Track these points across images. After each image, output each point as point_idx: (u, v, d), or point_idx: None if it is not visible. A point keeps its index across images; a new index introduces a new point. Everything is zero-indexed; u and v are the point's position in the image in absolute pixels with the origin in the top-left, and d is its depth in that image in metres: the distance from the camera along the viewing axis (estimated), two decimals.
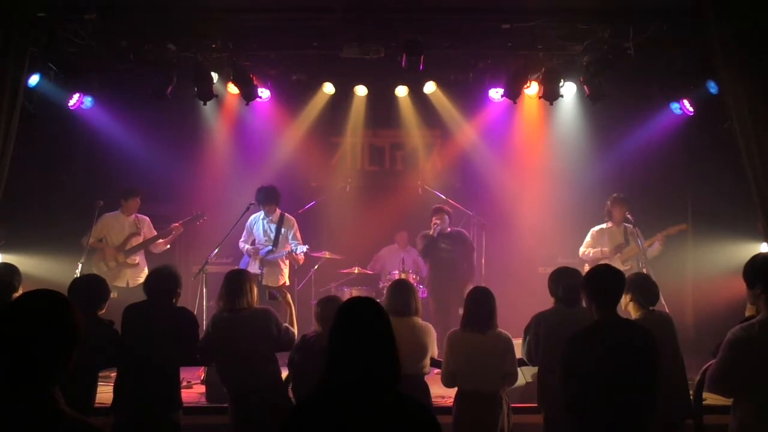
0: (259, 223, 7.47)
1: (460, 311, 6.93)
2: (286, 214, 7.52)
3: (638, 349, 3.35)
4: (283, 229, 7.42)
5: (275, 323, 4.46)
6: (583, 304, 3.80)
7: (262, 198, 7.27)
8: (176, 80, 7.34)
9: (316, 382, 2.17)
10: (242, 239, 7.52)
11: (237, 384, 4.41)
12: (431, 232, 7.46)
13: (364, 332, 2.14)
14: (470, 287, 7.07)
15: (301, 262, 7.61)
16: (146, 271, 7.45)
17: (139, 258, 7.48)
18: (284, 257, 7.46)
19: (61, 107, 7.60)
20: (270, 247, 7.35)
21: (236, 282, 4.52)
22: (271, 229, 7.45)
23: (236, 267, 7.13)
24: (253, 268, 7.31)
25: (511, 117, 8.62)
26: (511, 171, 8.86)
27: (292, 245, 7.36)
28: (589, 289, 3.53)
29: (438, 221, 7.45)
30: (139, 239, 7.45)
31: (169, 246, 7.64)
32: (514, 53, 7.34)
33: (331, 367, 2.12)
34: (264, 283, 7.26)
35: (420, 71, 7.20)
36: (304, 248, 7.36)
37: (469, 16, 6.76)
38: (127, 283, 7.24)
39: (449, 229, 7.57)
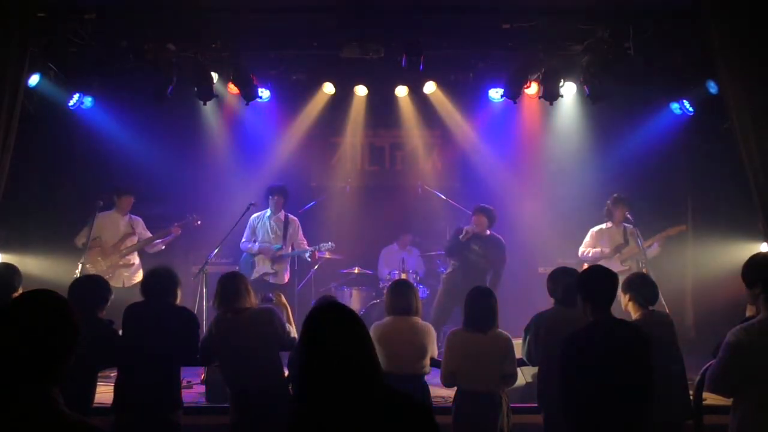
0: (264, 221, 7.49)
1: None
2: (289, 214, 7.55)
3: (633, 350, 3.36)
4: (290, 229, 7.44)
5: (279, 323, 4.46)
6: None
7: (280, 192, 7.34)
8: (176, 80, 7.34)
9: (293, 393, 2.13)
10: (244, 239, 7.49)
11: (239, 383, 4.40)
12: (462, 237, 7.16)
13: (332, 339, 2.08)
14: None
15: (318, 260, 7.67)
16: (141, 271, 7.45)
17: (134, 258, 7.45)
18: (306, 258, 7.52)
19: (61, 107, 7.60)
20: (280, 245, 7.37)
21: (231, 284, 4.51)
22: (279, 228, 7.47)
23: (234, 268, 7.19)
24: (264, 268, 7.33)
25: (511, 117, 8.62)
26: (511, 171, 8.85)
27: (310, 246, 7.48)
28: (582, 291, 3.54)
29: (474, 226, 7.16)
30: (134, 240, 7.43)
31: (164, 246, 7.62)
32: (514, 53, 7.34)
33: (307, 377, 2.08)
34: (272, 282, 7.28)
35: (420, 71, 7.20)
36: (330, 245, 7.45)
37: (469, 16, 6.75)
38: (123, 283, 7.20)
39: (488, 232, 7.29)
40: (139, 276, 7.41)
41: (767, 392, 3.04)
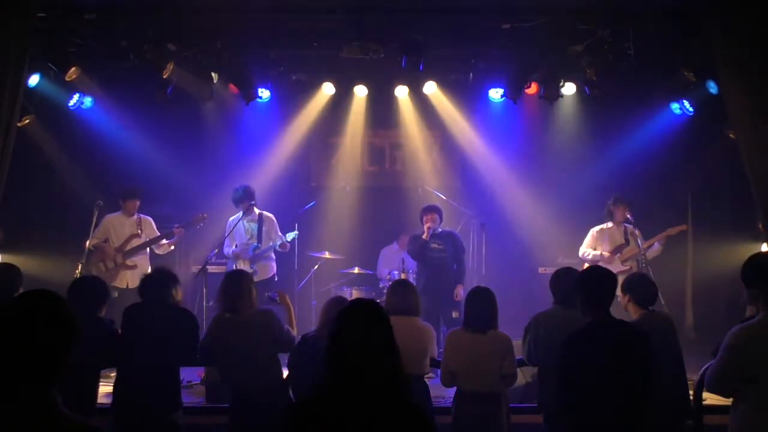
0: (239, 224, 7.36)
1: (454, 314, 6.94)
2: (263, 212, 7.49)
3: (632, 350, 3.36)
4: (264, 226, 7.40)
5: (277, 324, 4.46)
6: None
7: (242, 197, 7.23)
8: (176, 80, 7.35)
9: (316, 382, 2.17)
10: (226, 245, 7.35)
11: (238, 384, 4.41)
12: (424, 236, 7.22)
13: (365, 336, 2.13)
14: (460, 288, 7.08)
15: (287, 248, 7.59)
16: (148, 272, 7.40)
17: (139, 260, 7.33)
18: (277, 248, 7.42)
19: (61, 107, 7.60)
20: (256, 244, 7.33)
21: (235, 284, 4.52)
22: (252, 228, 7.40)
23: (230, 270, 7.12)
24: (244, 269, 7.24)
25: (511, 117, 8.61)
26: (511, 171, 8.85)
27: (280, 237, 7.37)
28: (581, 291, 3.55)
29: (430, 224, 7.22)
30: (139, 241, 7.36)
31: (172, 247, 7.58)
32: (514, 53, 7.34)
33: (332, 369, 2.12)
34: (256, 279, 7.20)
35: (420, 71, 7.20)
36: (295, 233, 7.38)
37: (469, 16, 6.76)
38: (127, 284, 7.13)
39: (439, 230, 7.36)
40: None
41: (767, 392, 3.04)
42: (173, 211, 8.03)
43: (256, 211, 7.41)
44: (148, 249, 7.44)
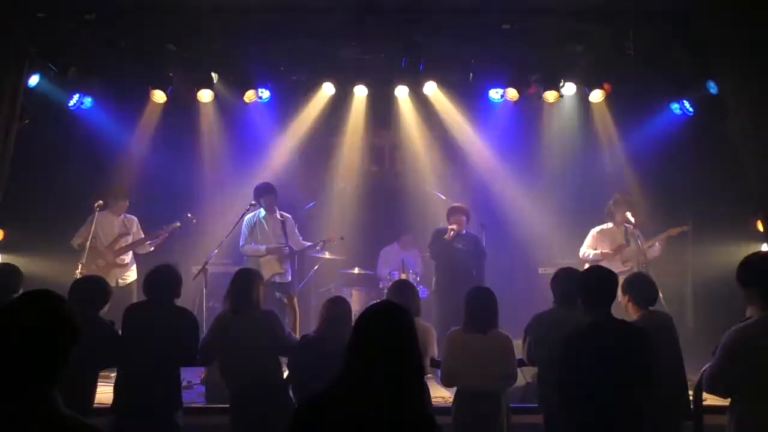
0: (261, 222, 7.35)
1: None
2: (282, 212, 7.44)
3: (633, 350, 3.36)
4: (287, 226, 7.37)
5: (279, 326, 4.46)
6: None
7: (269, 192, 7.20)
8: (176, 80, 7.34)
9: (317, 382, 2.16)
10: (243, 242, 7.29)
11: (238, 384, 4.41)
12: (447, 236, 7.15)
13: (390, 338, 2.12)
14: None
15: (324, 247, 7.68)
16: (134, 270, 7.41)
17: (128, 257, 7.39)
18: (317, 249, 7.42)
19: (61, 107, 7.60)
20: (288, 247, 7.29)
21: (245, 282, 4.52)
22: (277, 226, 7.31)
23: (242, 267, 7.04)
24: (273, 269, 7.16)
25: (511, 117, 8.60)
26: (511, 171, 8.84)
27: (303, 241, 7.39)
28: (582, 291, 3.55)
29: (457, 226, 7.15)
30: (129, 239, 7.38)
31: (152, 248, 7.54)
32: (514, 53, 7.34)
33: (351, 368, 2.11)
34: (279, 281, 7.18)
35: (420, 71, 7.20)
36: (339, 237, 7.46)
37: (469, 16, 6.76)
38: (117, 282, 7.11)
39: (464, 231, 7.29)
40: (132, 275, 7.39)
41: (764, 392, 3.05)
42: (173, 211, 8.01)
43: (277, 210, 7.37)
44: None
